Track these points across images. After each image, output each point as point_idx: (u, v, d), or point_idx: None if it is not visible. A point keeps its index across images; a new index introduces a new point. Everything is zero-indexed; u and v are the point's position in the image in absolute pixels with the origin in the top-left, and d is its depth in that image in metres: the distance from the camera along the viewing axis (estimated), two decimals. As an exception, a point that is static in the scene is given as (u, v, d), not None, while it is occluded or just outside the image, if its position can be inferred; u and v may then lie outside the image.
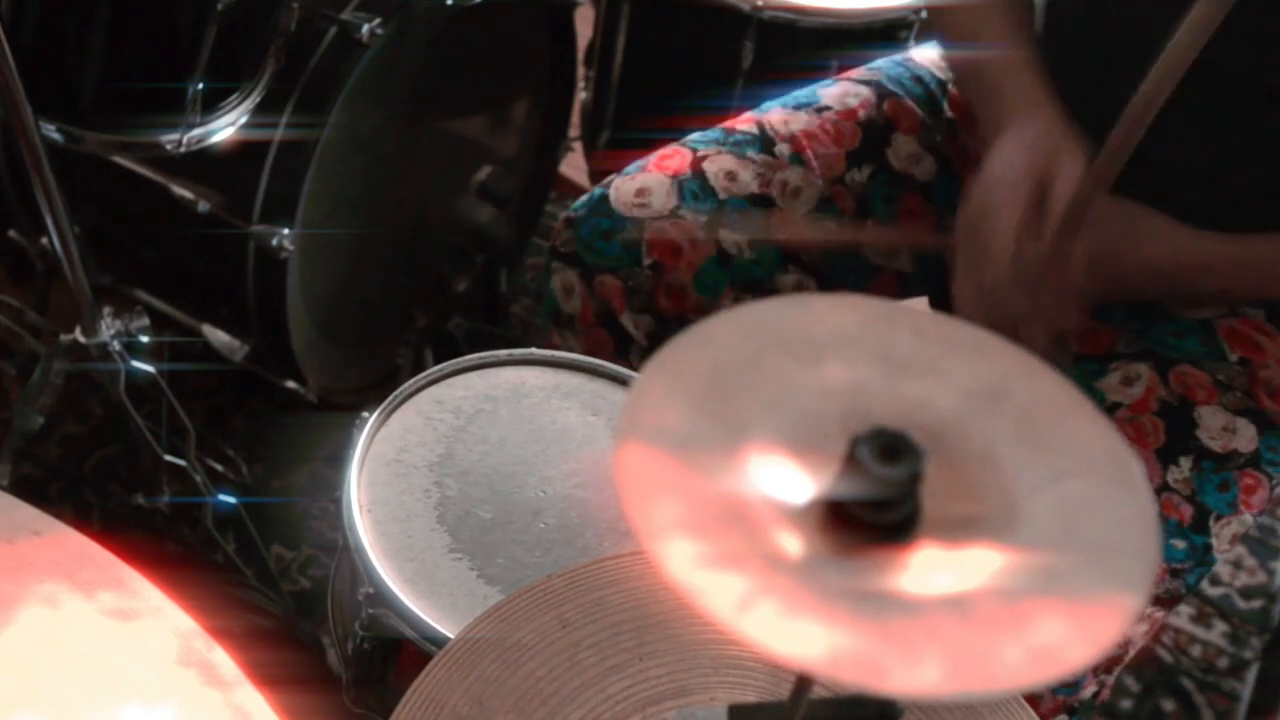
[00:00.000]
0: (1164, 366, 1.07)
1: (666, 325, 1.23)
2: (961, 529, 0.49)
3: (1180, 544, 1.02)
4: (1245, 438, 1.04)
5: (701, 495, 0.48)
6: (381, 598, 0.93)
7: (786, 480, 0.50)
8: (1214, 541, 1.03)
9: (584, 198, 1.24)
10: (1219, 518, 1.03)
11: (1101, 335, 1.12)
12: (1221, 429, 1.04)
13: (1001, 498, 0.50)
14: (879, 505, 0.48)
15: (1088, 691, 1.06)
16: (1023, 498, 0.49)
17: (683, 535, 0.47)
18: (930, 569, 0.48)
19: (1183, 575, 1.03)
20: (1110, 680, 1.08)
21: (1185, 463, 1.03)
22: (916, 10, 1.62)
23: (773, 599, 0.45)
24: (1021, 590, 0.47)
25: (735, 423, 0.51)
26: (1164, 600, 1.04)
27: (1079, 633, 0.45)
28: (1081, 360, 1.11)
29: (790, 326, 0.55)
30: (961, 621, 0.46)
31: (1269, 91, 1.01)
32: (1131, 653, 1.07)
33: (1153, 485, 1.02)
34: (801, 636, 0.45)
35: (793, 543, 0.48)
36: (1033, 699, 1.01)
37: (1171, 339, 1.09)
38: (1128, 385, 1.07)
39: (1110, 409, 1.06)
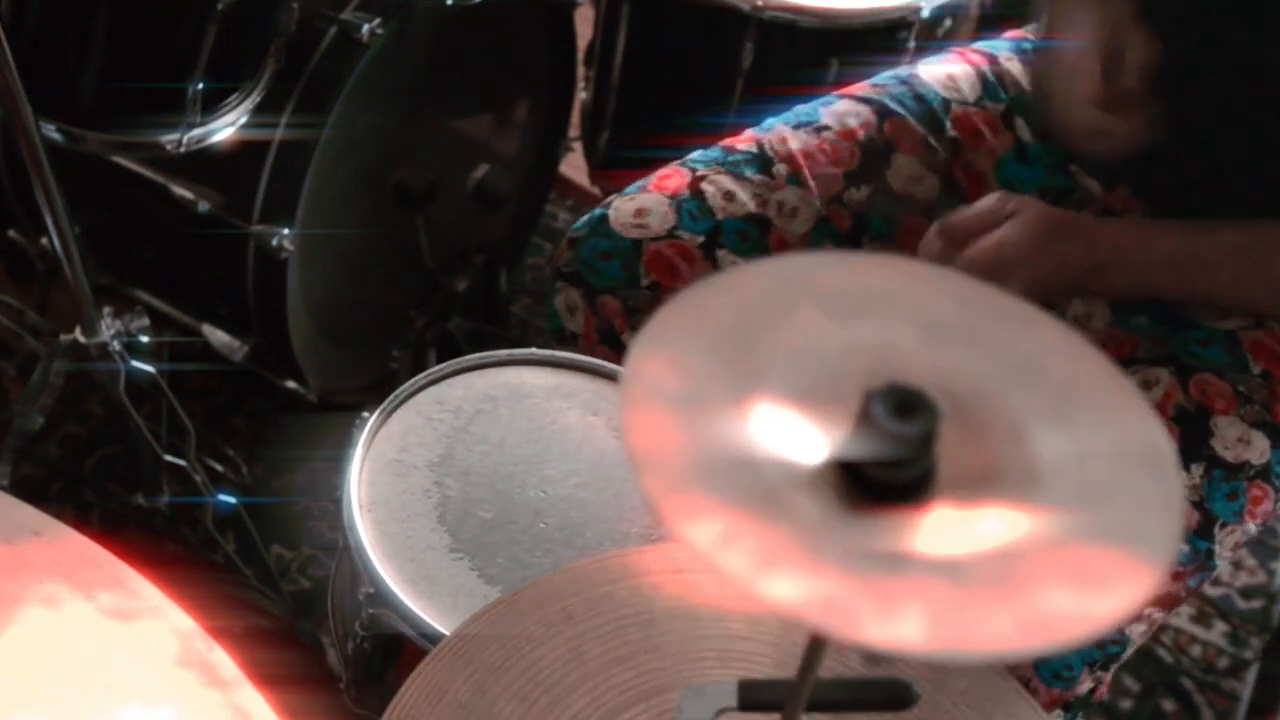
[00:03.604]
0: (1185, 374, 1.07)
1: None
2: (977, 496, 0.48)
3: (1184, 548, 1.02)
4: (1258, 450, 1.05)
5: (711, 439, 0.47)
6: (382, 598, 0.93)
7: (799, 433, 0.49)
8: (1217, 548, 1.03)
9: (585, 218, 1.25)
10: (1224, 525, 1.03)
11: (1124, 342, 1.12)
12: (1236, 440, 1.04)
13: (1023, 470, 0.49)
14: (891, 463, 0.48)
15: (1083, 687, 1.06)
16: (1045, 473, 0.48)
17: (686, 479, 0.46)
18: (940, 531, 0.47)
19: (1183, 579, 1.04)
20: (1107, 677, 1.08)
21: (1196, 470, 1.03)
22: (916, 10, 1.62)
23: (758, 540, 0.45)
24: (1026, 558, 0.46)
25: (753, 370, 0.50)
26: (1163, 601, 1.04)
27: (1077, 608, 0.44)
28: None
29: (829, 280, 0.54)
30: (952, 584, 0.45)
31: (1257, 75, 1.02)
32: (1129, 652, 1.08)
33: None
34: (780, 577, 0.44)
35: (801, 495, 0.47)
36: (1029, 692, 1.02)
37: (1196, 347, 1.09)
38: (1146, 389, 1.07)
39: None
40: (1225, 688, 1.65)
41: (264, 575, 1.56)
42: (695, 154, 1.25)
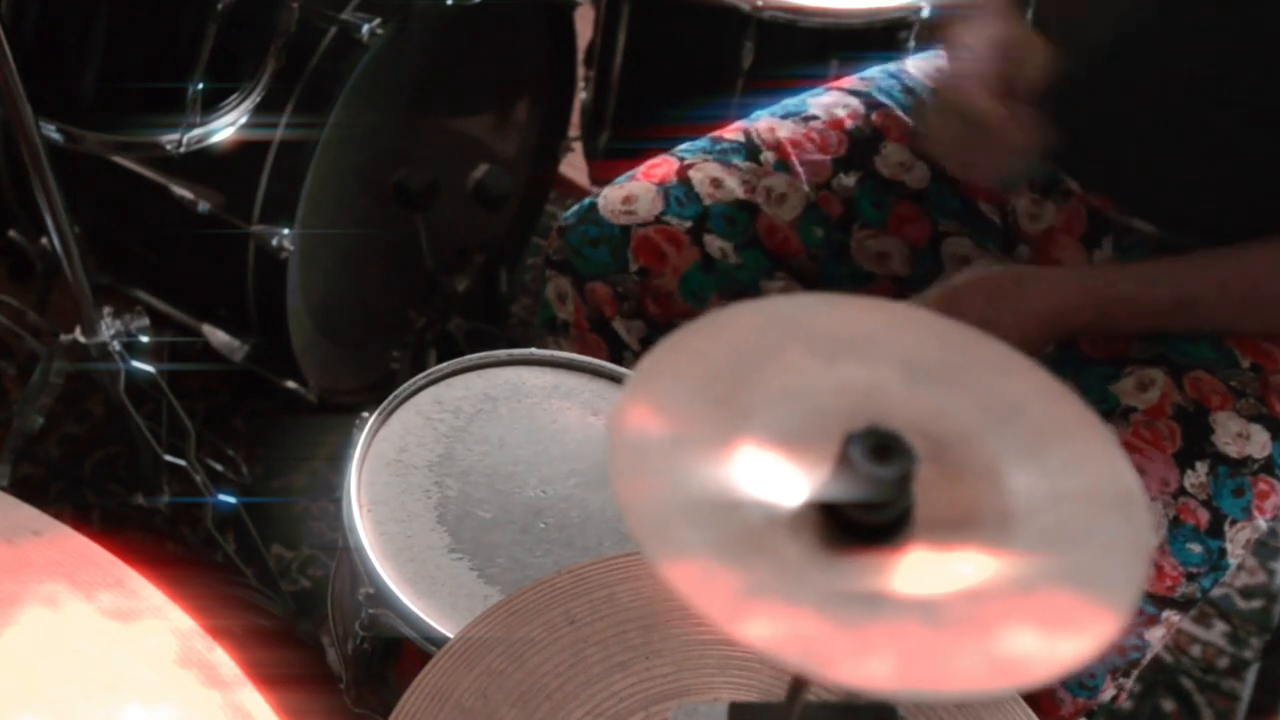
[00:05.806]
0: (1178, 372, 1.07)
1: (658, 331, 1.24)
2: (952, 538, 0.49)
3: (1196, 548, 1.02)
4: (1259, 443, 1.05)
5: (696, 481, 0.48)
6: (381, 598, 0.93)
7: (782, 475, 0.49)
8: (1229, 546, 1.03)
9: (575, 207, 1.26)
10: (1234, 522, 1.03)
11: (1118, 340, 1.12)
12: (1236, 434, 1.05)
13: (998, 513, 0.49)
14: (868, 504, 0.48)
15: (1106, 695, 1.06)
16: (1019, 515, 0.49)
17: (670, 516, 0.47)
18: (916, 573, 0.48)
19: (1198, 579, 1.04)
20: (1128, 684, 1.08)
21: (1201, 468, 1.03)
22: (916, 10, 1.62)
23: (736, 579, 0.46)
24: (996, 601, 0.47)
25: (739, 411, 0.50)
26: (1180, 604, 1.04)
27: (1044, 650, 0.45)
28: (1094, 364, 1.11)
29: (816, 322, 0.55)
30: (926, 624, 0.46)
31: (1226, 103, 1.02)
32: (1149, 657, 1.08)
33: (1171, 489, 1.03)
34: (760, 617, 0.45)
35: (781, 536, 0.48)
36: (1053, 704, 1.02)
37: (1185, 344, 1.09)
38: (1143, 390, 1.07)
39: (1126, 413, 1.06)
40: (1225, 688, 1.65)
41: (264, 575, 1.56)
42: (684, 145, 1.26)
